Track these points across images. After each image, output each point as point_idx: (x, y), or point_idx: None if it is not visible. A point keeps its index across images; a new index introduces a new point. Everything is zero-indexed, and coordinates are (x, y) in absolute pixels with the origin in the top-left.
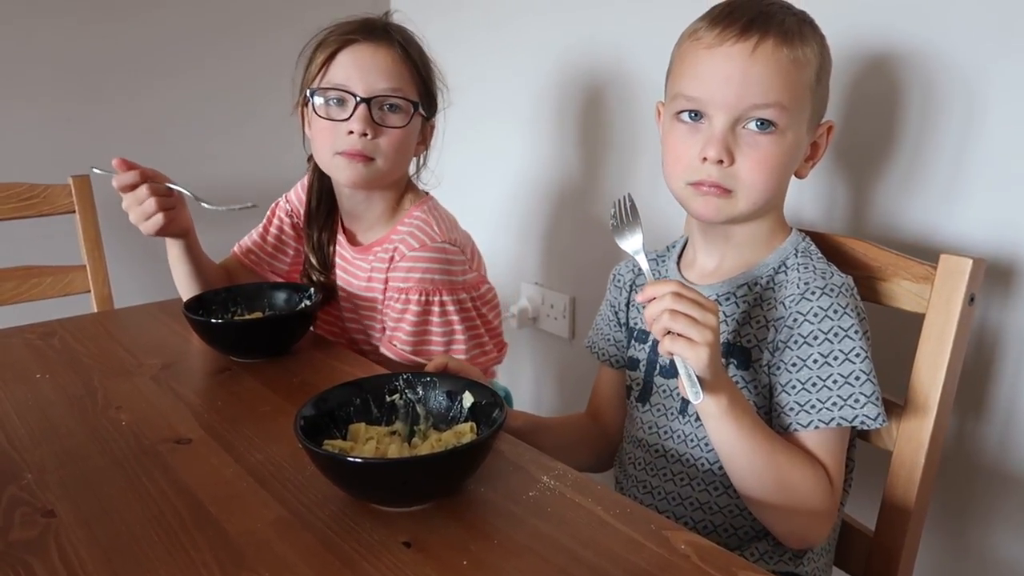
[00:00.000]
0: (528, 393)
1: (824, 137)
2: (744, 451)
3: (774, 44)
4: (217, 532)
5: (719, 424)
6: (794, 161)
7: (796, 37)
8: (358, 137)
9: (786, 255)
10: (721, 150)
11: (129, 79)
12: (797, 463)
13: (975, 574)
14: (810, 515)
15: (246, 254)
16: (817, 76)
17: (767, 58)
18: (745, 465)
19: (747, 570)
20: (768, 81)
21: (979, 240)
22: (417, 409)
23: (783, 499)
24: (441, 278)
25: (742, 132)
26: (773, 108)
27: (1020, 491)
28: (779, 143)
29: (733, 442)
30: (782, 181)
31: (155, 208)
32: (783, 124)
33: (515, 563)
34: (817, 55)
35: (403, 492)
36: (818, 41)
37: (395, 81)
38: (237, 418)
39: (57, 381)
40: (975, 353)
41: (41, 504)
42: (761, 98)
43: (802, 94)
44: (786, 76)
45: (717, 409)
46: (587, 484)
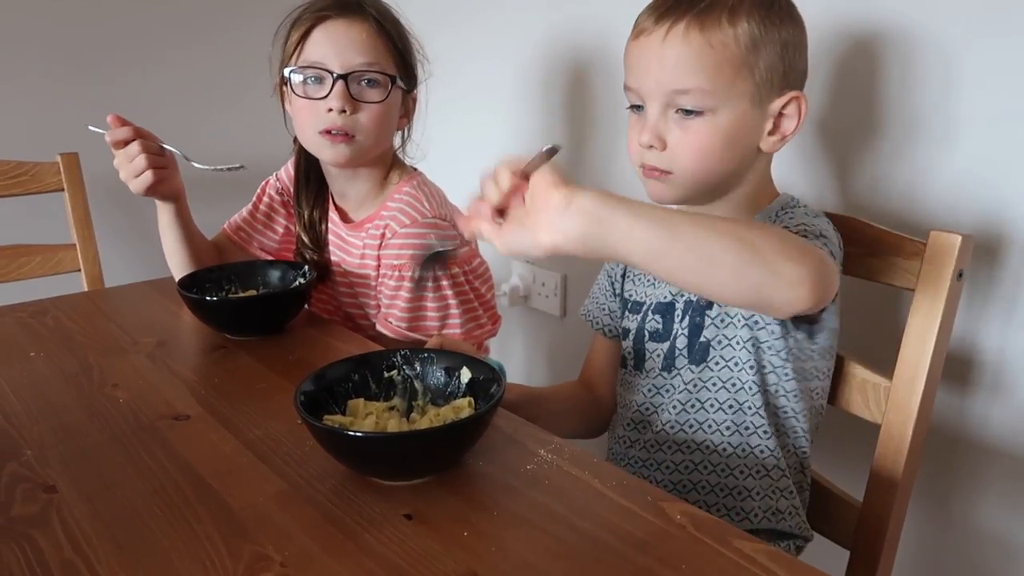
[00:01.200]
0: (520, 371)
1: (794, 109)
2: (675, 220)
3: (686, 28)
4: (219, 505)
5: (622, 202)
6: (740, 138)
7: (718, 17)
8: (337, 114)
9: (772, 214)
10: (652, 136)
11: (117, 56)
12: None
13: (960, 544)
14: (796, 248)
15: (235, 231)
16: (751, 49)
17: (678, 43)
18: (691, 232)
19: (741, 539)
20: (681, 66)
21: (966, 215)
22: (415, 385)
23: (757, 247)
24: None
25: (672, 116)
26: (692, 93)
27: (1004, 463)
28: (710, 123)
29: (658, 213)
30: (724, 160)
31: (145, 165)
32: (709, 106)
33: (514, 533)
34: (751, 30)
35: (403, 466)
36: (756, 17)
37: (371, 55)
38: (234, 395)
39: (52, 359)
40: (960, 327)
41: (42, 480)
42: (678, 83)
43: (728, 72)
44: (700, 59)
45: (603, 192)
46: (583, 457)
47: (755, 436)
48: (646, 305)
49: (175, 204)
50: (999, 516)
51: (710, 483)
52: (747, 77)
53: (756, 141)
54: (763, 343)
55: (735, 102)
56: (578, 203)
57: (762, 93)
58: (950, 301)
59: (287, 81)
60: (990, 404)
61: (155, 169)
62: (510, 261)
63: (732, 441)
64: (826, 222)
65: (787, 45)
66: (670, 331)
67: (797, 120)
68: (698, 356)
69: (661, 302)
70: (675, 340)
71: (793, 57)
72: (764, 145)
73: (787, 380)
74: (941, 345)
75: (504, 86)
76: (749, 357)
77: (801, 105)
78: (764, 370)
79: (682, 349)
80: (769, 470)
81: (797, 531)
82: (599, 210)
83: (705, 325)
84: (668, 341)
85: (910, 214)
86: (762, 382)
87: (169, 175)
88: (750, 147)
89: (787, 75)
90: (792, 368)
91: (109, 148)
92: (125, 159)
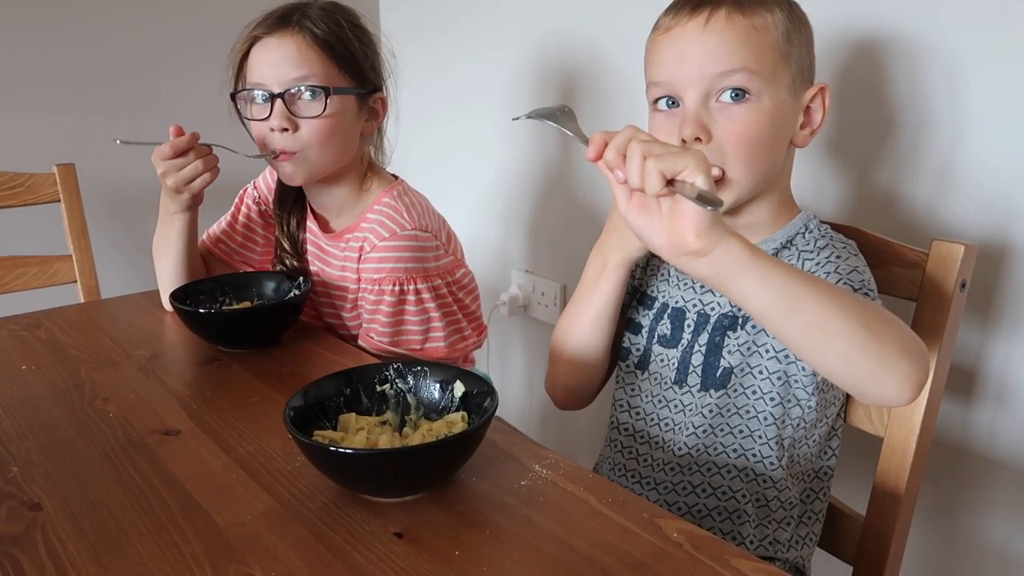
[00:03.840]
0: (519, 381)
1: (820, 102)
2: (802, 293)
3: (727, 13)
4: (206, 524)
5: (759, 265)
6: (782, 128)
7: (753, 4)
8: (279, 133)
9: (793, 233)
10: (696, 128)
11: (115, 67)
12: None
13: (964, 558)
14: (913, 343)
15: (215, 243)
16: (786, 39)
17: (721, 27)
18: (815, 310)
19: (739, 557)
20: (727, 47)
21: (970, 226)
22: (408, 399)
23: (877, 334)
24: (414, 266)
25: (715, 107)
26: (740, 73)
27: (1009, 476)
28: (756, 110)
29: (788, 283)
30: (773, 150)
31: (203, 168)
32: (756, 89)
33: (507, 553)
34: (784, 19)
35: (394, 483)
36: (784, 8)
37: (304, 68)
38: (226, 409)
39: (43, 373)
40: (965, 337)
41: (27, 497)
42: (724, 65)
43: (770, 56)
44: (746, 40)
45: (744, 246)
46: (579, 472)
47: (761, 464)
48: (659, 304)
49: (191, 214)
50: (1004, 529)
51: (708, 507)
52: (786, 66)
53: (792, 133)
54: (792, 377)
55: (776, 89)
56: (712, 257)
57: (797, 83)
58: (953, 311)
59: (236, 103)
60: (995, 416)
61: (210, 171)
62: (509, 271)
63: (737, 464)
64: (865, 262)
65: (809, 41)
66: (678, 340)
67: (822, 112)
68: (719, 382)
69: (675, 307)
70: (689, 354)
71: (812, 54)
72: (797, 140)
73: (809, 412)
74: (944, 356)
75: (497, 99)
76: (773, 389)
77: (825, 97)
78: (788, 404)
79: (697, 367)
80: (769, 500)
81: (794, 561)
82: (727, 271)
83: (728, 348)
84: (675, 350)
85: (913, 223)
86: (783, 415)
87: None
88: (787, 139)
89: (811, 69)
90: (817, 400)
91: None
92: (174, 168)
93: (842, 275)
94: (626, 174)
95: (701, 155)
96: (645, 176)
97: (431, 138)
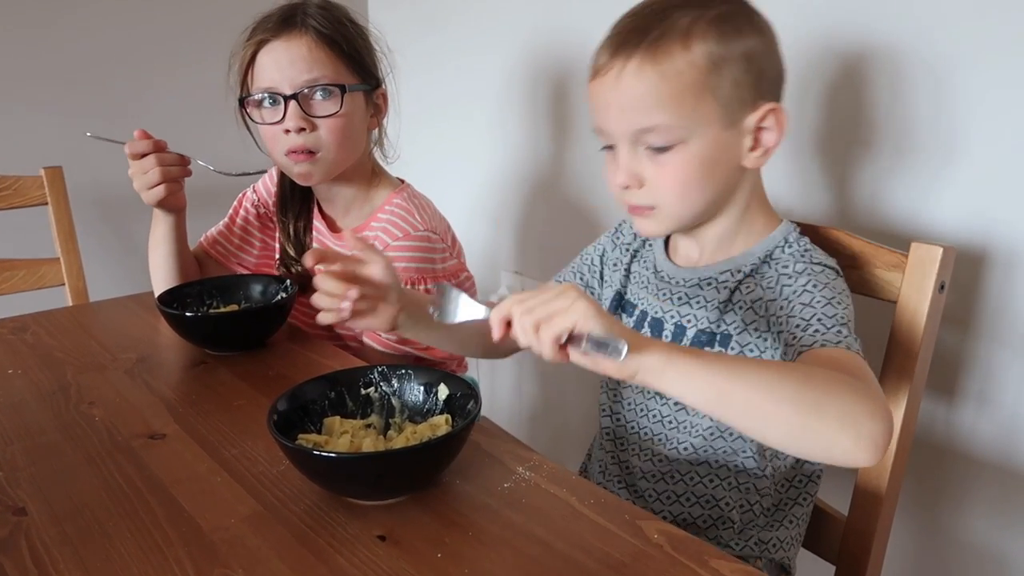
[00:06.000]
0: (508, 383)
1: (773, 122)
2: (728, 385)
3: (639, 65)
4: (190, 528)
5: (678, 368)
6: (717, 164)
7: (669, 46)
8: (296, 134)
9: (773, 246)
10: (627, 176)
11: (102, 69)
12: (809, 366)
13: (947, 556)
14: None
15: (212, 245)
16: (712, 71)
17: (632, 82)
18: (745, 397)
19: (718, 558)
20: (640, 105)
21: (951, 229)
22: (392, 402)
23: (817, 409)
24: (425, 266)
25: (644, 153)
26: (656, 131)
27: (990, 474)
28: (683, 155)
29: (712, 378)
30: (711, 185)
31: (159, 179)
32: (678, 137)
33: (489, 555)
34: (708, 52)
35: (377, 486)
36: (710, 37)
37: (316, 69)
38: (212, 412)
39: (30, 377)
40: (947, 340)
41: (12, 502)
42: (639, 122)
43: (690, 101)
44: (657, 95)
45: (660, 356)
46: (562, 474)
47: (744, 474)
48: (639, 311)
49: (175, 217)
50: (986, 528)
51: (692, 515)
52: (711, 101)
53: (737, 160)
54: None
55: (704, 129)
56: (639, 378)
57: (733, 113)
58: (932, 314)
59: (245, 108)
60: (977, 416)
61: (167, 183)
62: (498, 272)
63: (720, 474)
64: (843, 283)
65: (752, 56)
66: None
67: (778, 133)
68: None
69: (654, 317)
70: None
71: (761, 66)
72: (747, 162)
73: None
74: (924, 358)
75: (488, 99)
76: None
77: (780, 118)
78: None
79: None
80: (752, 505)
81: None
82: (656, 382)
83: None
84: None
85: (894, 227)
86: None
87: (179, 188)
88: (731, 167)
89: (757, 86)
90: None
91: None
92: (139, 170)
93: (816, 309)
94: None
95: (584, 304)
96: (541, 347)
97: (420, 138)
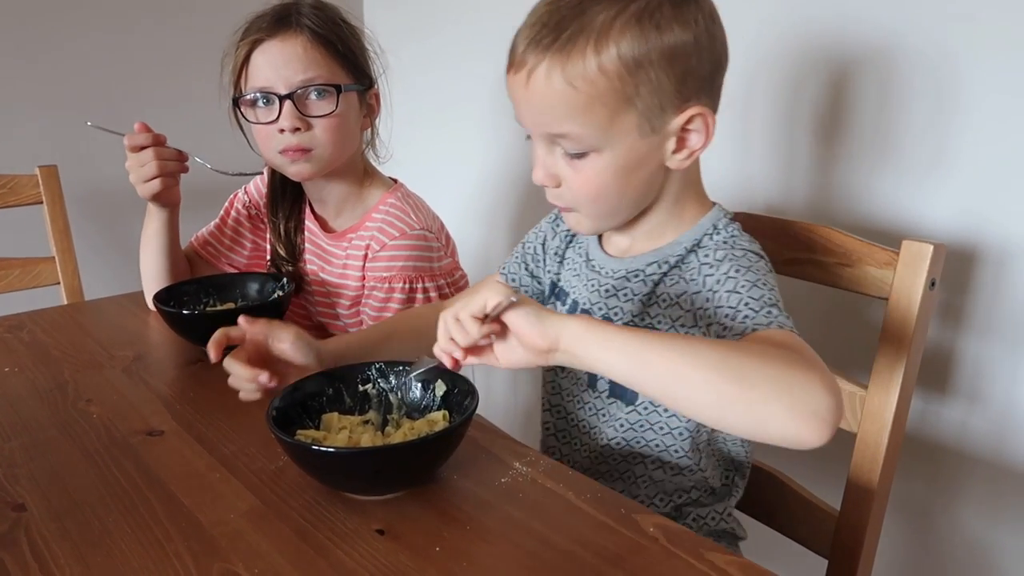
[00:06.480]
0: (504, 380)
1: (700, 124)
2: (648, 353)
3: (548, 68)
4: (190, 523)
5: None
6: (635, 172)
7: (583, 48)
8: (291, 133)
9: (701, 233)
10: (543, 175)
11: (97, 69)
12: (741, 342)
13: (939, 552)
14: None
15: (203, 246)
16: (629, 76)
17: (540, 88)
18: (667, 367)
19: (714, 551)
20: (549, 112)
21: (942, 227)
22: (390, 398)
23: (744, 380)
24: (422, 265)
25: (560, 153)
26: (567, 139)
27: (980, 470)
28: (598, 162)
29: (632, 345)
30: (628, 192)
31: (155, 172)
32: (591, 146)
33: (487, 549)
34: (624, 55)
35: (375, 481)
36: (634, 31)
37: (312, 69)
38: (209, 409)
39: (26, 375)
40: (938, 336)
41: (11, 498)
42: (550, 127)
43: (601, 111)
44: (566, 104)
45: (581, 323)
46: (559, 469)
47: (681, 476)
48: (571, 299)
49: (168, 213)
50: (977, 524)
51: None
52: (627, 110)
53: (659, 163)
54: None
55: (619, 138)
56: (562, 347)
57: (652, 119)
58: (923, 310)
59: (239, 107)
60: (967, 412)
61: (163, 177)
62: (488, 269)
63: (655, 477)
64: (767, 265)
65: (676, 55)
66: None
67: (705, 136)
68: (629, 396)
69: (583, 307)
70: None
71: (688, 65)
72: (671, 164)
73: None
74: (915, 354)
75: (481, 102)
76: None
77: (707, 121)
78: None
79: None
80: (695, 499)
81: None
82: (577, 349)
83: None
84: None
85: (884, 224)
86: (697, 427)
87: (175, 183)
88: (652, 170)
89: (682, 88)
90: None
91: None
92: (137, 163)
93: (742, 294)
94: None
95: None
96: (466, 332)
97: (414, 139)
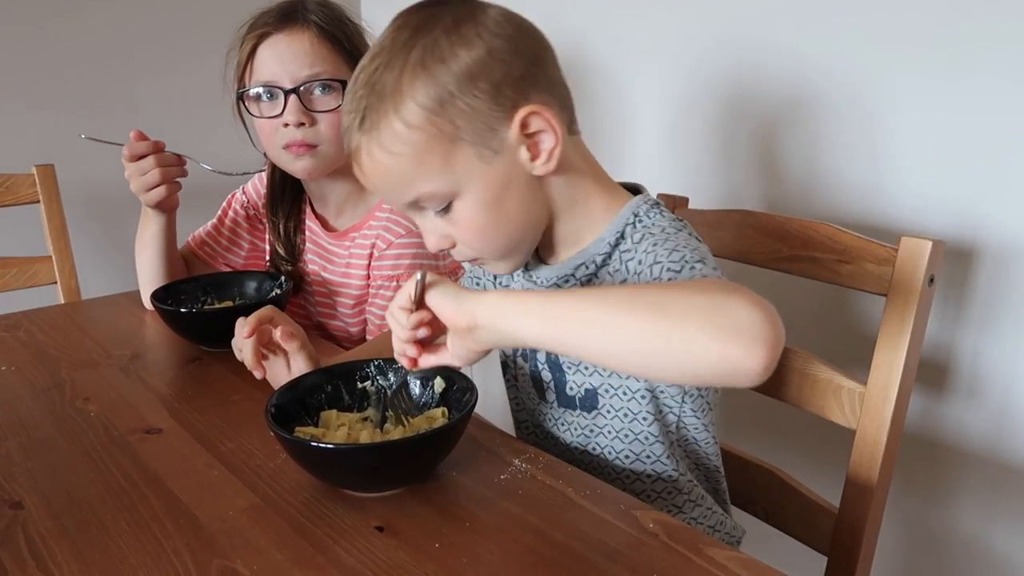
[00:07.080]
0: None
1: (540, 122)
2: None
3: (367, 151)
4: (188, 520)
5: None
6: (504, 196)
7: (386, 115)
8: (295, 128)
9: (623, 224)
10: (434, 241)
11: (94, 67)
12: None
13: (938, 549)
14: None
15: (200, 245)
16: (438, 116)
17: (369, 167)
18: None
19: (713, 546)
20: (392, 185)
21: (941, 224)
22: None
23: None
24: (429, 263)
25: (432, 216)
26: (422, 200)
27: (978, 467)
28: (464, 206)
29: (548, 304)
30: (509, 220)
31: (159, 179)
32: (447, 197)
33: (486, 545)
34: (425, 94)
35: (375, 477)
36: (424, 71)
37: (318, 64)
38: (207, 407)
39: (23, 373)
40: (936, 333)
41: (8, 496)
42: (402, 198)
43: (431, 160)
44: (399, 173)
45: (496, 294)
46: (558, 466)
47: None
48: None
49: (167, 217)
50: (976, 521)
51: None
52: (458, 147)
53: (526, 177)
54: (657, 388)
55: (468, 175)
56: (480, 321)
57: (487, 142)
58: (922, 306)
59: (243, 102)
60: (966, 409)
61: (168, 184)
62: None
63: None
64: (697, 239)
65: (473, 75)
66: (530, 353)
67: (552, 131)
68: (587, 403)
69: None
70: (537, 370)
71: (493, 77)
72: (538, 172)
73: (689, 416)
74: (914, 351)
75: None
76: (642, 408)
77: (544, 115)
78: (663, 415)
79: (548, 383)
80: (672, 496)
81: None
82: (496, 322)
83: (578, 367)
84: (527, 363)
85: (882, 221)
86: (661, 429)
87: (178, 188)
88: (523, 188)
89: (500, 99)
90: (692, 402)
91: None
92: (138, 172)
93: (663, 262)
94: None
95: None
96: (401, 325)
97: None
